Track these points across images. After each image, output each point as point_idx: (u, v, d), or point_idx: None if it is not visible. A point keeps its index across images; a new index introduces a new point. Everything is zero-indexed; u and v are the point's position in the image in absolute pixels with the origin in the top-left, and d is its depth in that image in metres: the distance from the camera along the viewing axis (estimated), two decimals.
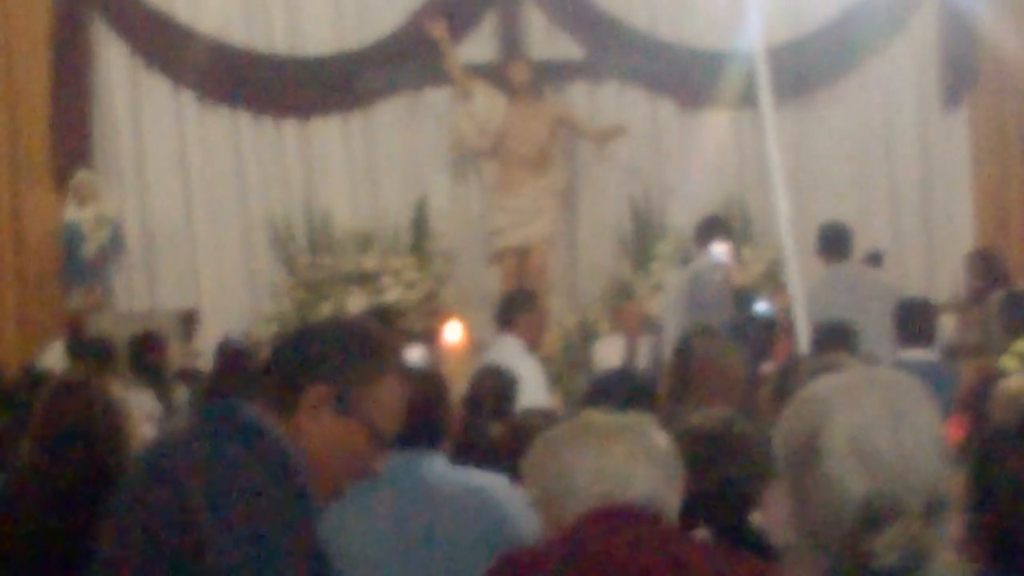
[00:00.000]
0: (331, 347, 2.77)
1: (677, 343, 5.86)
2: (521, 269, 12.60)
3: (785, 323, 8.59)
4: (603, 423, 3.07)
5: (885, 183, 13.55)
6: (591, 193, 13.41)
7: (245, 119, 13.46)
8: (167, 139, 13.36)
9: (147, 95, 13.37)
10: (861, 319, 7.92)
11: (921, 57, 13.52)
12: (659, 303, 10.71)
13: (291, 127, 13.49)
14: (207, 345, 11.15)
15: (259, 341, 11.60)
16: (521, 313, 8.04)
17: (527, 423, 5.11)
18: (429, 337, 9.27)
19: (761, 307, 9.11)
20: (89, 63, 13.28)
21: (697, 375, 5.43)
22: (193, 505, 2.57)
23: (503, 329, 8.07)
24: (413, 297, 12.73)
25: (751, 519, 3.65)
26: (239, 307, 13.13)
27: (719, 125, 13.20)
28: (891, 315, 7.97)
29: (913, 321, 7.76)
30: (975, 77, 13.33)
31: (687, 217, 12.00)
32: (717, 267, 9.10)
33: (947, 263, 12.48)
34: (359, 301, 12.49)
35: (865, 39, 13.27)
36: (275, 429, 2.70)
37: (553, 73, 13.32)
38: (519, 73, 12.87)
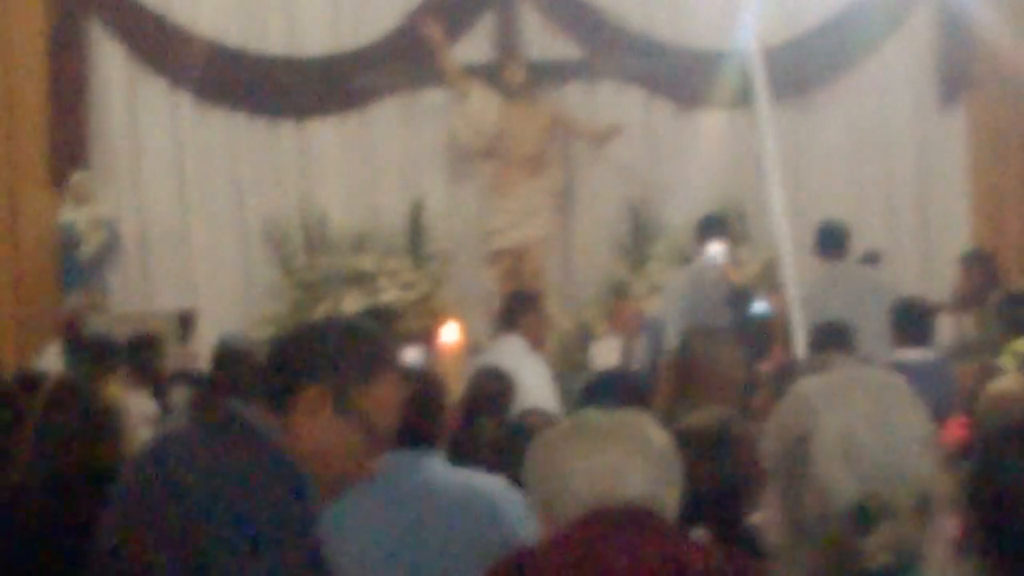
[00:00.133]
0: (329, 347, 2.77)
1: (677, 343, 5.87)
2: (517, 270, 12.60)
3: (782, 323, 8.60)
4: (598, 423, 3.06)
5: (881, 183, 13.55)
6: (587, 194, 13.40)
7: (241, 120, 13.46)
8: (164, 140, 13.36)
9: (143, 96, 13.37)
10: (858, 318, 7.92)
11: (918, 57, 13.51)
12: (657, 303, 10.70)
13: (287, 128, 13.49)
14: (203, 346, 11.15)
15: (256, 342, 11.59)
16: (525, 313, 8.03)
17: (524, 424, 5.11)
18: (426, 338, 9.26)
19: (758, 307, 9.11)
20: (86, 64, 13.27)
21: (696, 375, 5.43)
22: (192, 508, 2.57)
23: (506, 329, 8.06)
24: (409, 298, 12.73)
25: (749, 519, 3.65)
26: (235, 308, 13.12)
27: (715, 125, 13.20)
28: (888, 314, 7.97)
29: (910, 321, 7.77)
30: (972, 77, 13.33)
31: (684, 217, 12.01)
32: (713, 267, 9.11)
33: (943, 263, 12.47)
34: (356, 302, 12.49)
35: (862, 39, 13.27)
36: (273, 430, 2.70)
37: (549, 73, 13.32)
38: (515, 74, 12.88)
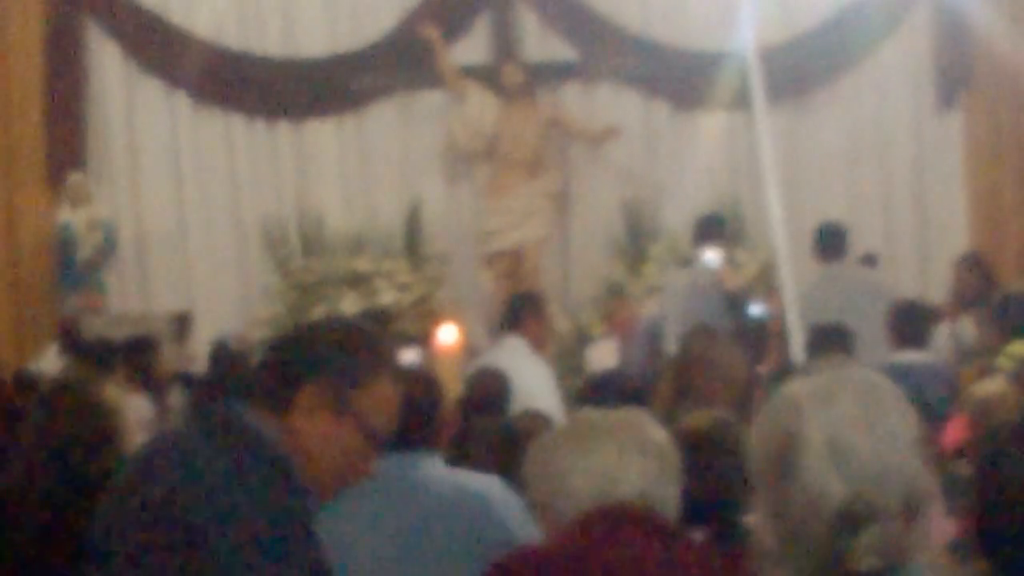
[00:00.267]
0: (326, 347, 2.77)
1: (676, 344, 5.88)
2: (515, 271, 12.60)
3: (778, 325, 8.60)
4: (595, 423, 3.06)
5: (879, 185, 13.56)
6: (584, 195, 13.40)
7: (239, 121, 13.45)
8: (161, 141, 13.35)
9: (141, 97, 13.37)
10: (857, 319, 7.92)
11: (915, 59, 13.52)
12: (657, 304, 10.68)
13: (285, 129, 13.49)
14: (200, 348, 11.16)
15: (253, 343, 11.59)
16: (529, 314, 8.02)
17: (521, 425, 5.11)
18: (423, 340, 9.27)
19: (755, 309, 9.11)
20: (83, 65, 13.27)
21: (697, 375, 5.44)
22: (189, 510, 2.56)
23: (509, 329, 8.05)
24: (407, 299, 12.73)
25: (746, 520, 3.65)
26: (232, 310, 13.12)
27: (713, 127, 13.21)
28: (886, 316, 7.97)
29: (908, 323, 7.77)
30: (969, 79, 13.33)
31: (681, 219, 12.01)
32: (710, 272, 9.11)
33: (941, 264, 12.47)
34: (353, 303, 12.49)
35: (859, 41, 13.27)
36: (271, 431, 2.70)
37: (546, 75, 13.32)
38: (512, 75, 12.88)
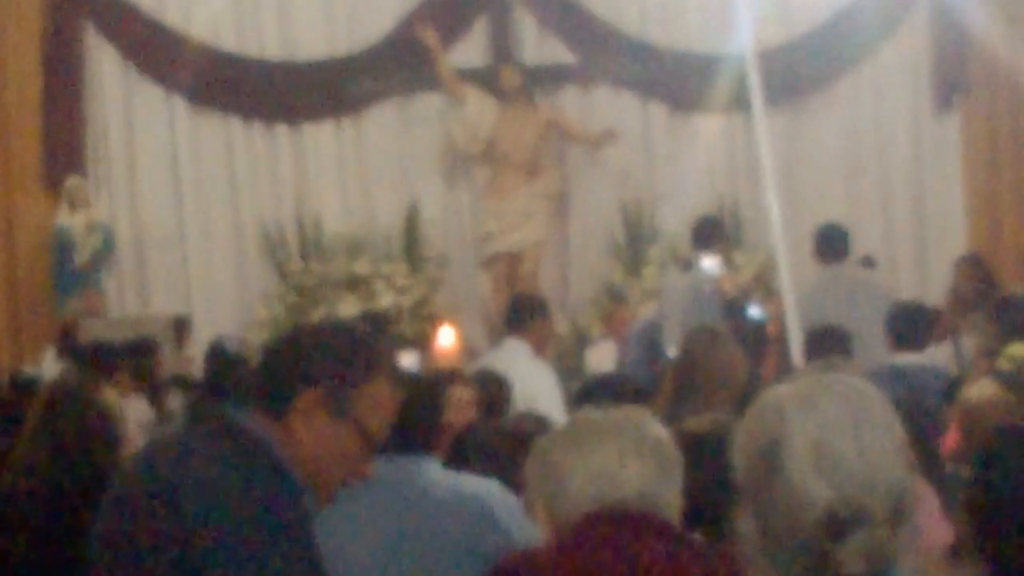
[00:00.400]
0: (323, 350, 2.76)
1: (677, 346, 5.88)
2: (513, 274, 12.59)
3: (777, 328, 8.60)
4: (594, 421, 3.05)
5: (877, 187, 13.56)
6: (583, 198, 13.40)
7: (236, 124, 13.45)
8: (159, 145, 13.34)
9: (139, 101, 13.36)
10: (858, 321, 7.91)
11: (913, 61, 13.52)
12: (653, 306, 10.67)
13: (282, 132, 13.48)
14: (199, 351, 11.14)
15: (251, 346, 11.57)
16: (533, 317, 8.01)
17: (518, 428, 5.10)
18: (422, 342, 9.28)
19: (754, 312, 9.11)
20: (81, 69, 13.26)
21: (698, 376, 5.44)
22: (187, 514, 2.56)
23: (511, 332, 8.05)
24: (405, 302, 12.73)
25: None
26: (231, 313, 13.12)
27: (711, 129, 13.21)
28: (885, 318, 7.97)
29: (906, 324, 7.76)
30: (967, 81, 13.34)
31: (679, 221, 12.01)
32: (710, 279, 9.10)
33: (939, 267, 12.48)
34: (351, 306, 12.49)
35: (857, 43, 13.28)
36: (268, 435, 2.69)
37: (544, 78, 13.33)
38: (510, 78, 12.88)
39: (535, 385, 7.28)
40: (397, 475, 4.01)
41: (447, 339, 8.68)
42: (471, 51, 13.36)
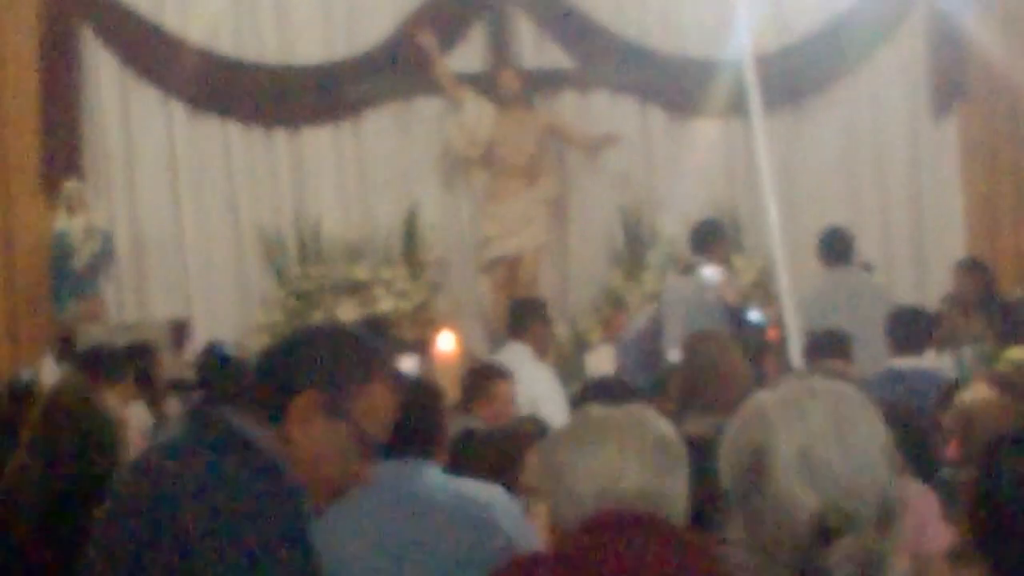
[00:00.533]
0: (320, 353, 2.76)
1: (686, 350, 5.87)
2: (512, 278, 12.59)
3: (777, 333, 8.59)
4: (595, 419, 3.04)
5: (875, 191, 13.57)
6: (582, 202, 13.40)
7: (235, 129, 13.43)
8: (157, 149, 13.32)
9: (137, 105, 13.34)
10: (860, 324, 7.92)
11: (910, 66, 13.54)
12: (651, 309, 10.65)
13: (281, 136, 13.47)
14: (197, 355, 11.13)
15: (250, 351, 11.57)
16: (534, 321, 8.02)
17: (517, 431, 5.10)
18: (421, 347, 9.25)
19: (753, 316, 9.10)
20: (78, 73, 13.25)
21: (703, 380, 5.44)
22: (184, 519, 2.56)
23: (513, 336, 8.04)
24: (405, 307, 12.72)
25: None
26: (230, 317, 13.10)
27: (709, 134, 13.22)
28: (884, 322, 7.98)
29: (905, 328, 7.77)
30: (965, 85, 13.35)
31: (678, 226, 12.01)
32: (709, 288, 9.10)
33: (937, 271, 12.49)
34: (350, 311, 12.48)
35: (854, 48, 13.29)
36: (265, 439, 2.69)
37: (543, 82, 13.33)
38: (509, 82, 12.88)
39: (537, 389, 7.30)
40: (398, 480, 4.01)
41: (447, 344, 8.66)
42: (470, 55, 13.36)
